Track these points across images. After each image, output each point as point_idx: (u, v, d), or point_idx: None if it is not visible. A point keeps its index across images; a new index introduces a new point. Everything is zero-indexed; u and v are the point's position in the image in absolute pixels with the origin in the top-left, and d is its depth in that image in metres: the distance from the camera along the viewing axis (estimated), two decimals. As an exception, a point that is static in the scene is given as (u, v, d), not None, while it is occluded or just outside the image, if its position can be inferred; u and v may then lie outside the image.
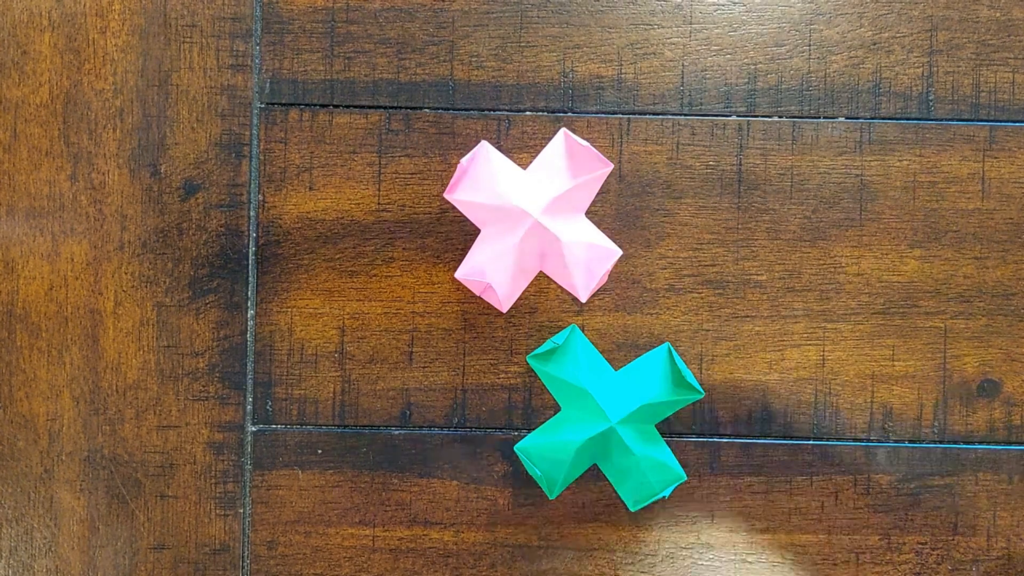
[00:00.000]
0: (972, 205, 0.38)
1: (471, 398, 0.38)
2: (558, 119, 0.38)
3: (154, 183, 0.38)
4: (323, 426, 0.38)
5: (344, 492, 0.38)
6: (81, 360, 0.38)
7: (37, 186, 0.38)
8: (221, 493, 0.38)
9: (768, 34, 0.38)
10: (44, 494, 0.38)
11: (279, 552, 0.38)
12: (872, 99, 0.38)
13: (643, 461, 0.37)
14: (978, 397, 0.38)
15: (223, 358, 0.38)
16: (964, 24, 0.38)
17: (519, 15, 0.38)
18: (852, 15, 0.38)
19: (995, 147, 0.38)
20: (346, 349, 0.38)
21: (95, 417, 0.38)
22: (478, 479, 0.38)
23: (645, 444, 0.37)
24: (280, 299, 0.38)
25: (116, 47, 0.38)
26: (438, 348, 0.38)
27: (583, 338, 0.38)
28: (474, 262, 0.36)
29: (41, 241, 0.38)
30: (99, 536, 0.38)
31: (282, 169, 0.38)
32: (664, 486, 0.37)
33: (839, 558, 0.38)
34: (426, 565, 0.38)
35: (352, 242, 0.38)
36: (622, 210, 0.38)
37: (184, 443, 0.38)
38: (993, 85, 0.38)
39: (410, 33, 0.38)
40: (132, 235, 0.38)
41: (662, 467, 0.37)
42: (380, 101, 0.38)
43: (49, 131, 0.38)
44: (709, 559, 0.38)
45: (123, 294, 0.38)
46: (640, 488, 0.37)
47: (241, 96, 0.38)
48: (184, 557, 0.38)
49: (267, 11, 0.38)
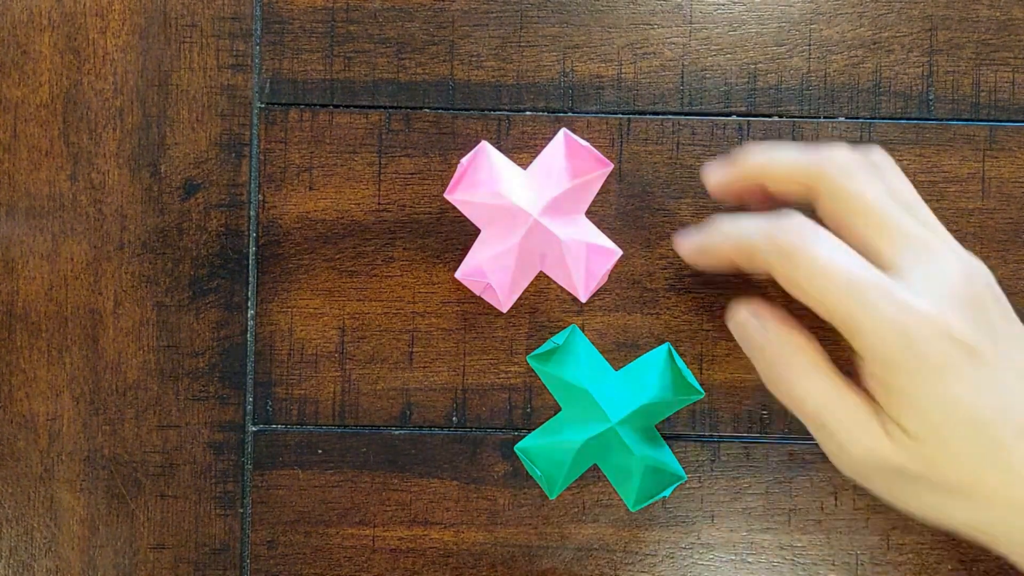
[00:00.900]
0: (972, 205, 0.38)
1: (471, 398, 0.38)
2: (558, 119, 0.38)
3: (154, 183, 0.38)
4: (323, 426, 0.38)
5: (344, 492, 0.38)
6: (81, 360, 0.38)
7: (37, 186, 0.38)
8: (221, 493, 0.38)
9: (768, 34, 0.38)
10: (44, 494, 0.38)
11: (279, 552, 0.38)
12: (872, 99, 0.38)
13: (643, 461, 0.37)
14: (978, 397, 0.38)
15: (223, 358, 0.38)
16: (964, 24, 0.38)
17: (519, 15, 0.38)
18: (852, 15, 0.38)
19: (995, 147, 0.38)
20: (346, 349, 0.38)
21: (95, 417, 0.38)
22: (478, 479, 0.38)
23: (645, 444, 0.37)
24: (280, 299, 0.38)
25: (116, 47, 0.38)
26: (438, 348, 0.38)
27: (583, 338, 0.38)
28: (474, 262, 0.36)
29: (41, 241, 0.38)
30: (99, 536, 0.38)
31: (282, 169, 0.38)
32: (664, 486, 0.37)
33: (839, 558, 0.38)
34: (426, 565, 0.38)
35: (352, 242, 0.38)
36: (622, 210, 0.38)
37: (184, 443, 0.38)
38: (993, 85, 0.38)
39: (410, 33, 0.38)
40: (132, 235, 0.38)
41: (662, 467, 0.37)
42: (380, 101, 0.38)
43: (49, 131, 0.38)
44: (709, 559, 0.38)
45: (123, 294, 0.38)
46: (640, 488, 0.37)
47: (241, 96, 0.38)
48: (184, 557, 0.38)
49: (267, 11, 0.38)
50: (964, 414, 0.28)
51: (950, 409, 0.29)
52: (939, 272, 0.29)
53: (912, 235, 0.30)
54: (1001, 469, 0.29)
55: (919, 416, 0.29)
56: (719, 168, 0.34)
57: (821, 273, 0.29)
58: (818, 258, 0.29)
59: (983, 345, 0.28)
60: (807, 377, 0.31)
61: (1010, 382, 0.29)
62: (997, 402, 0.28)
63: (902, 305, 0.28)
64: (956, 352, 0.28)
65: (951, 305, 0.29)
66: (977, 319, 0.29)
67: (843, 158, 0.31)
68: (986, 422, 0.28)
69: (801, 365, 0.31)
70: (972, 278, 0.30)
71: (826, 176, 0.31)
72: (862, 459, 0.30)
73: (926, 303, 0.28)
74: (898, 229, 0.30)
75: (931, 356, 0.28)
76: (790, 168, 0.31)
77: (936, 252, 0.30)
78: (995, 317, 0.30)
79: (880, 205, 0.30)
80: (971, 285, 0.29)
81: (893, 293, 0.28)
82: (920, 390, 0.29)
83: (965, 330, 0.28)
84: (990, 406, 0.28)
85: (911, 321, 0.28)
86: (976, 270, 0.30)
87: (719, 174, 0.34)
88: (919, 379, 0.29)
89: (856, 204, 0.30)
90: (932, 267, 0.29)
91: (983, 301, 0.30)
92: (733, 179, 0.33)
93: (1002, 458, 0.28)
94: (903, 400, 0.29)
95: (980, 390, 0.28)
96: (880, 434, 0.29)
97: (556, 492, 0.37)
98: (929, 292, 0.29)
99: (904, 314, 0.28)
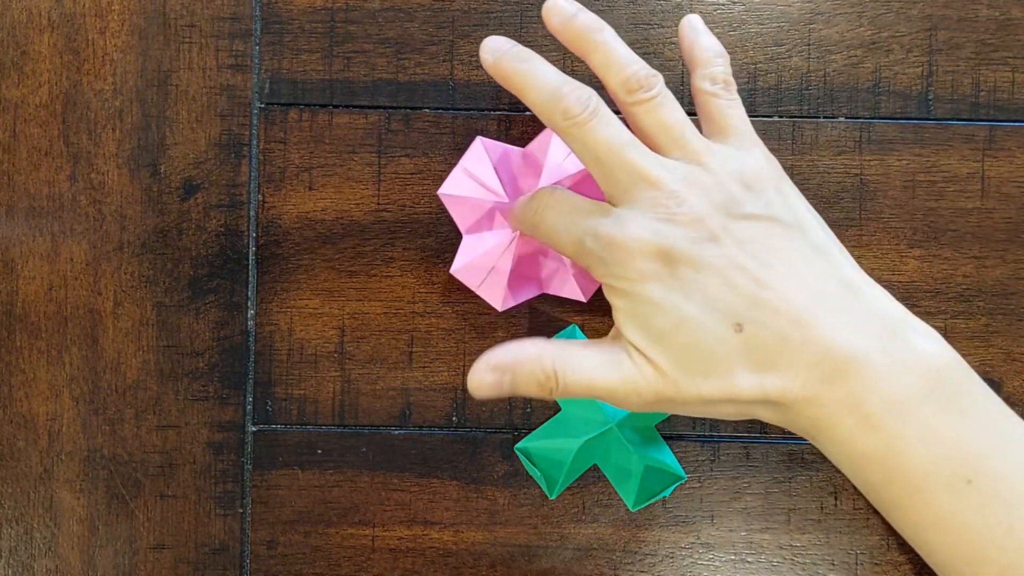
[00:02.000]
0: (971, 204, 0.38)
1: (471, 398, 0.38)
2: (558, 119, 0.38)
3: (154, 183, 0.38)
4: (323, 426, 0.38)
5: (344, 492, 0.38)
6: (81, 360, 0.38)
7: (36, 186, 0.38)
8: (221, 493, 0.38)
9: (767, 33, 0.38)
10: (44, 494, 0.38)
11: (279, 552, 0.38)
12: (871, 98, 0.38)
13: (643, 461, 0.37)
14: (978, 396, 0.38)
15: (223, 358, 0.38)
16: (963, 23, 0.38)
17: (519, 14, 0.38)
18: (851, 14, 0.38)
19: (994, 147, 0.38)
20: (346, 349, 0.38)
21: (95, 417, 0.38)
22: (478, 479, 0.38)
23: (645, 444, 0.37)
24: (280, 299, 0.38)
25: (115, 47, 0.38)
26: (438, 348, 0.38)
27: (583, 338, 0.38)
28: (468, 257, 0.36)
29: (40, 241, 0.38)
30: (99, 536, 0.38)
31: (281, 169, 0.38)
32: (664, 486, 0.37)
33: (838, 558, 0.38)
34: (426, 565, 0.38)
35: (352, 242, 0.38)
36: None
37: (184, 443, 0.38)
38: (992, 84, 0.38)
39: (410, 33, 0.38)
40: (132, 235, 0.38)
41: (662, 467, 0.37)
42: (380, 101, 0.38)
43: (48, 131, 0.38)
44: (709, 559, 0.38)
45: (123, 294, 0.38)
46: (640, 488, 0.37)
47: (240, 96, 0.38)
48: (184, 557, 0.38)
49: (266, 11, 0.38)
50: (676, 321, 0.30)
51: (663, 320, 0.30)
52: (645, 197, 0.30)
53: (629, 168, 0.30)
54: (723, 373, 0.30)
55: (644, 336, 0.30)
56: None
57: (551, 212, 0.32)
58: (549, 202, 0.32)
59: (676, 248, 0.29)
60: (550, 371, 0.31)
61: (725, 275, 0.29)
62: (700, 296, 0.29)
63: (603, 236, 0.30)
64: (653, 264, 0.29)
65: (652, 223, 0.29)
66: (690, 226, 0.30)
67: (573, 100, 0.30)
68: (697, 322, 0.29)
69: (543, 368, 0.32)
70: (691, 183, 0.30)
71: (559, 126, 0.31)
72: (640, 406, 0.31)
73: (627, 229, 0.30)
74: (618, 165, 0.30)
75: (631, 276, 0.30)
76: (534, 100, 0.31)
77: (647, 177, 0.30)
78: (720, 213, 0.30)
79: (604, 148, 0.30)
80: (688, 192, 0.30)
81: (598, 227, 0.30)
82: (636, 310, 0.30)
83: (659, 241, 0.29)
84: (696, 304, 0.29)
85: (612, 247, 0.30)
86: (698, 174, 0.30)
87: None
88: (631, 301, 0.30)
89: (587, 156, 0.31)
90: (642, 193, 0.30)
91: (699, 206, 0.30)
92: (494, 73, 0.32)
93: (722, 358, 0.30)
94: (630, 324, 0.30)
95: (687, 292, 0.29)
96: (634, 375, 0.30)
97: (556, 492, 0.37)
98: (635, 217, 0.30)
99: (605, 242, 0.30)
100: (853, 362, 0.29)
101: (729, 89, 0.32)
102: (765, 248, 0.30)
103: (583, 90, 0.30)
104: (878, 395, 0.29)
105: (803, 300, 0.29)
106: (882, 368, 0.29)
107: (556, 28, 0.32)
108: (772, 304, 0.29)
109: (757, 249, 0.30)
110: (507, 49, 0.31)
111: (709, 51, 0.33)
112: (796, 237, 0.30)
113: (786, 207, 0.31)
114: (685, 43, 0.34)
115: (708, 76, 0.32)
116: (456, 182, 0.35)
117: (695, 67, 0.33)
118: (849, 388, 0.29)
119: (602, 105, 0.30)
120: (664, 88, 0.31)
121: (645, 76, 0.31)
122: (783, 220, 0.30)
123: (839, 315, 0.30)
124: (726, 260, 0.29)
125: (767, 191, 0.31)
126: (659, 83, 0.31)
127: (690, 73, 0.33)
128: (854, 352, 0.29)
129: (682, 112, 0.31)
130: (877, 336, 0.30)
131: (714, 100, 0.32)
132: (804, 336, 0.29)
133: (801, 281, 0.30)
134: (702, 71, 0.33)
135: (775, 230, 0.30)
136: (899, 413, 0.29)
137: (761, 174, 0.31)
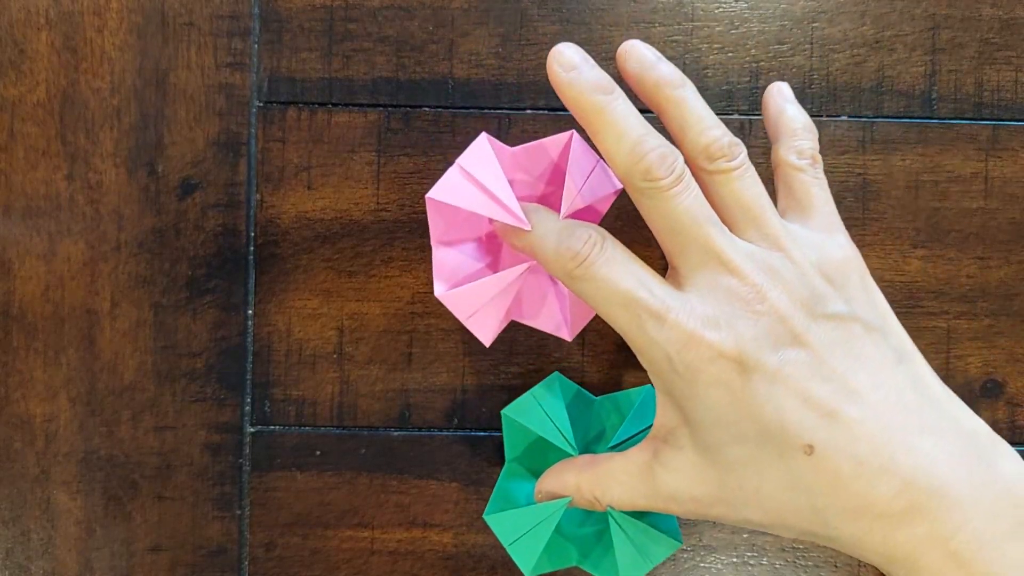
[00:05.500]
0: (975, 205, 0.38)
1: (471, 399, 0.38)
2: (559, 118, 0.37)
3: (151, 182, 0.37)
4: (321, 427, 0.38)
5: (342, 494, 0.38)
6: (77, 361, 0.37)
7: (34, 186, 0.37)
8: (218, 495, 0.38)
9: (770, 32, 0.38)
10: (40, 496, 0.38)
11: (277, 554, 0.38)
12: (875, 98, 0.38)
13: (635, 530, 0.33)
14: (981, 398, 0.38)
15: (221, 359, 0.38)
16: (967, 23, 0.38)
17: (519, 13, 0.38)
18: (854, 13, 0.38)
19: (998, 146, 0.38)
20: (345, 350, 0.38)
21: (92, 418, 0.38)
22: (478, 481, 0.38)
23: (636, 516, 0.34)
24: (278, 299, 0.38)
25: (113, 46, 0.37)
26: (437, 349, 0.38)
27: (568, 383, 0.36)
28: (457, 278, 0.32)
29: (37, 241, 0.37)
30: (96, 538, 0.38)
31: (280, 168, 0.38)
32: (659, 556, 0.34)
33: (840, 560, 0.38)
34: (425, 567, 0.38)
35: (351, 242, 0.38)
36: (622, 210, 0.38)
37: (181, 444, 0.38)
38: (996, 84, 0.38)
39: (409, 31, 0.38)
40: (129, 235, 0.37)
41: (651, 533, 0.33)
42: (379, 100, 0.38)
43: (46, 130, 0.37)
44: (711, 561, 0.38)
45: (120, 294, 0.37)
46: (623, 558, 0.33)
47: (239, 95, 0.37)
48: (181, 559, 0.38)
49: (265, 9, 0.37)
50: (736, 436, 0.27)
51: (720, 434, 0.27)
52: (723, 285, 0.27)
53: (708, 249, 0.27)
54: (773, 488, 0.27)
55: (694, 448, 0.28)
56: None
57: (604, 293, 0.28)
58: (599, 278, 0.28)
59: (754, 355, 0.26)
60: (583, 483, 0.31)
61: (803, 388, 0.26)
62: (772, 413, 0.26)
63: (671, 323, 0.27)
64: (725, 369, 0.27)
65: (728, 319, 0.27)
66: (761, 327, 0.27)
67: (658, 161, 0.27)
68: (760, 442, 0.27)
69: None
70: (775, 275, 0.27)
71: (635, 186, 0.28)
72: (683, 515, 0.29)
73: (696, 323, 0.27)
74: (695, 242, 0.28)
75: (698, 378, 0.27)
76: (610, 150, 0.28)
77: (727, 262, 0.27)
78: (797, 315, 0.27)
79: (684, 221, 0.28)
80: (769, 286, 0.27)
81: (665, 315, 0.27)
82: (690, 416, 0.28)
83: (734, 344, 0.26)
84: (763, 422, 0.27)
85: (677, 344, 0.27)
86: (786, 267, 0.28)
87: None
88: (687, 407, 0.28)
89: (661, 223, 0.28)
90: (720, 280, 0.27)
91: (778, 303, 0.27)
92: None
93: (777, 471, 0.27)
94: (680, 433, 0.28)
95: (757, 406, 0.26)
96: (673, 492, 0.29)
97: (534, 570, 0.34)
98: (706, 307, 0.27)
99: (675, 334, 0.27)
100: (937, 495, 0.26)
101: (816, 166, 0.30)
102: (849, 355, 0.27)
103: (669, 150, 0.27)
104: (965, 532, 0.26)
105: (885, 419, 0.26)
106: (968, 501, 0.26)
107: (631, 74, 0.29)
108: (851, 424, 0.26)
109: (840, 357, 0.27)
110: (586, 73, 0.28)
111: (796, 122, 0.31)
112: (879, 341, 0.27)
113: (870, 305, 0.28)
114: (771, 111, 0.31)
115: (795, 149, 0.30)
116: (451, 186, 0.30)
117: (780, 137, 0.31)
118: (932, 523, 0.26)
119: (687, 171, 0.28)
120: (747, 159, 0.29)
121: (728, 144, 0.28)
122: (866, 320, 0.28)
123: (923, 437, 0.26)
124: (806, 370, 0.26)
125: (850, 286, 0.28)
126: (742, 153, 0.29)
127: (772, 142, 0.31)
128: (940, 484, 0.26)
129: (762, 187, 0.29)
130: (962, 461, 0.26)
131: (799, 175, 0.30)
132: (883, 464, 0.26)
133: (884, 395, 0.27)
134: (788, 142, 0.30)
135: (857, 331, 0.27)
136: (990, 550, 0.26)
137: (845, 266, 0.28)
